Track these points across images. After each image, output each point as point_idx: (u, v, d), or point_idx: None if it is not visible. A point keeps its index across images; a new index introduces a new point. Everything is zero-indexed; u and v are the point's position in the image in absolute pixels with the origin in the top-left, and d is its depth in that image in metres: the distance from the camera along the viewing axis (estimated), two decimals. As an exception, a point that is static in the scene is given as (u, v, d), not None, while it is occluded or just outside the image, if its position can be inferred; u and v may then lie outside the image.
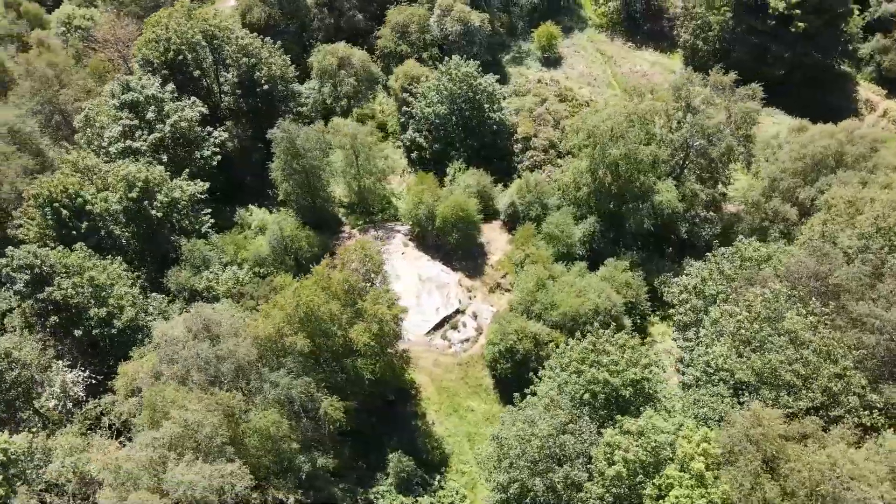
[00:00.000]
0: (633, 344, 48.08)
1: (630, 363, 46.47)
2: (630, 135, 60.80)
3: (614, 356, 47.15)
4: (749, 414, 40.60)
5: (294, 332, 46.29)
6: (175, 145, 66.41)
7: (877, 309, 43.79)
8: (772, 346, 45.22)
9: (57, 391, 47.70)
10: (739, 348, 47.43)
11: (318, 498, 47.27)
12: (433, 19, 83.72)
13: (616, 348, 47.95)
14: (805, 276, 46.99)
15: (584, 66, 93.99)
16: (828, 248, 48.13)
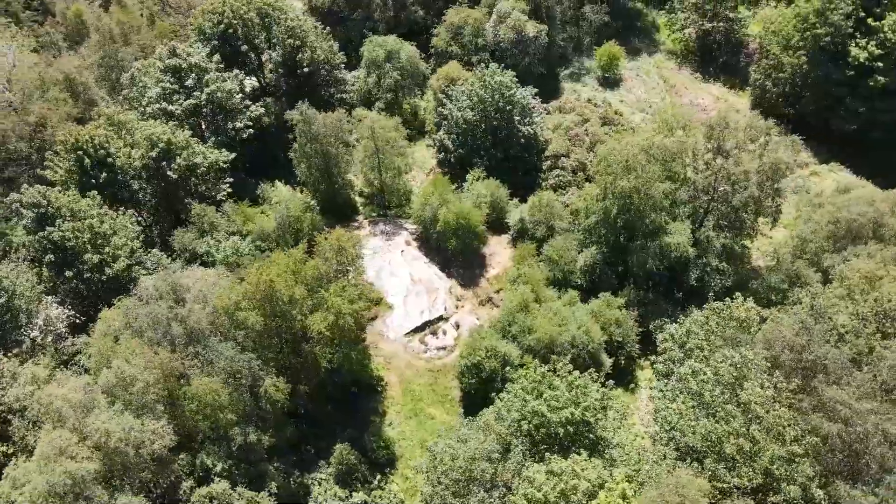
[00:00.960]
0: (582, 382, 46.32)
1: (570, 401, 44.83)
2: (645, 168, 58.21)
3: (559, 391, 45.69)
4: (673, 482, 38.31)
5: (251, 308, 47.66)
6: (210, 113, 69.48)
7: (847, 397, 40.09)
8: (724, 414, 42.38)
9: (40, 323, 51.39)
10: (695, 410, 44.80)
11: (250, 472, 48.51)
12: (489, 24, 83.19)
13: (564, 384, 46.42)
14: (781, 347, 43.63)
15: (644, 91, 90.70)
16: (811, 321, 44.42)
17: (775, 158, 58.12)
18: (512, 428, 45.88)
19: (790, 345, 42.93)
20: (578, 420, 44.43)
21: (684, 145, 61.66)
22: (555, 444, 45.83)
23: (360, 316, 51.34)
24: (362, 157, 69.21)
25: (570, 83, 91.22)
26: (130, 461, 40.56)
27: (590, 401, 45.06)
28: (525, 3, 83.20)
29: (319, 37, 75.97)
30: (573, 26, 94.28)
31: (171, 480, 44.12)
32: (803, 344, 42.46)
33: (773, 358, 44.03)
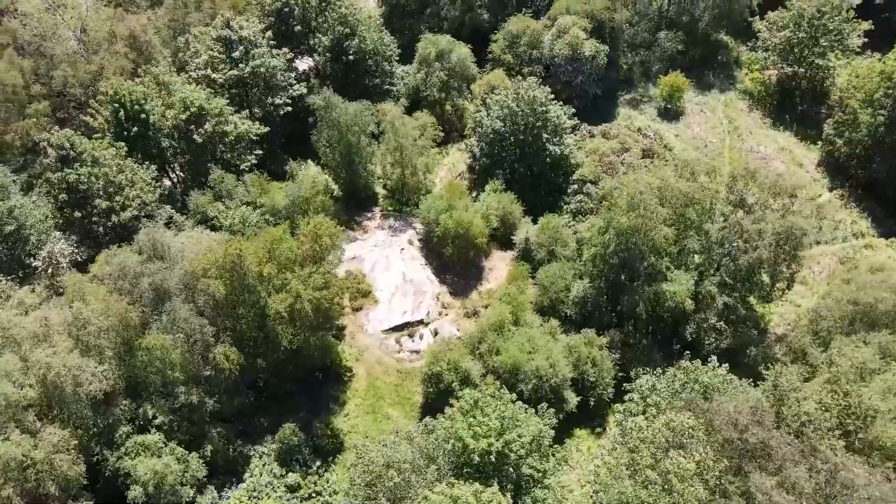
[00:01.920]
0: (511, 414, 45.01)
1: (495, 431, 43.75)
2: (650, 208, 55.35)
3: (487, 419, 44.71)
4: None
5: (217, 277, 49.56)
6: (252, 86, 72.38)
7: (774, 489, 36.77)
8: (643, 479, 39.98)
9: (44, 254, 55.72)
10: (620, 469, 42.57)
11: (191, 430, 50.61)
12: (547, 37, 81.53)
13: (495, 412, 45.35)
14: (722, 422, 40.54)
15: (703, 129, 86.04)
16: (766, 402, 40.97)
17: (791, 223, 53.63)
18: (434, 444, 45.36)
19: (732, 421, 39.79)
20: (497, 451, 43.27)
21: (702, 192, 58.06)
22: (476, 471, 44.99)
23: (325, 304, 52.03)
24: (384, 150, 69.91)
25: (628, 109, 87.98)
26: (67, 397, 43.30)
27: (515, 435, 43.71)
28: (587, 22, 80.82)
29: (372, 28, 77.20)
30: (645, 50, 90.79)
31: (108, 423, 46.70)
32: (746, 423, 39.24)
33: (717, 431, 41.02)
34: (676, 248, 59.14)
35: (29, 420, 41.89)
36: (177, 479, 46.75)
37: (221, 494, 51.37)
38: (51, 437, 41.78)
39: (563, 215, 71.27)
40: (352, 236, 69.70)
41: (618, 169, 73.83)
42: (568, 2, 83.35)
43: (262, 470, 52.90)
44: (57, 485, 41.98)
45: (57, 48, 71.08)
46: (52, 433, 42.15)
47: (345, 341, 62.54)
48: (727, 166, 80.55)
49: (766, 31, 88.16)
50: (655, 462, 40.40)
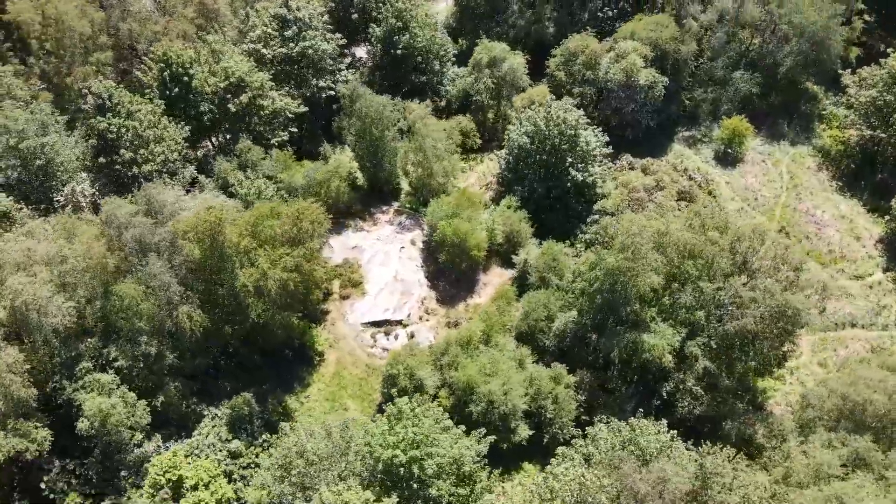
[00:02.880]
0: (426, 431, 44.39)
1: (402, 444, 43.43)
2: (641, 252, 52.52)
3: (403, 432, 44.43)
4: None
5: (195, 241, 51.92)
6: (300, 66, 74.75)
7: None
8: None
9: (67, 191, 60.42)
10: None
11: (148, 379, 53.39)
12: (605, 60, 78.69)
13: (412, 426, 44.96)
14: (627, 494, 38.22)
15: (759, 180, 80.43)
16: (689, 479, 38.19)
17: (786, 300, 49.17)
18: (346, 444, 45.64)
19: (634, 492, 37.40)
20: (401, 464, 42.92)
21: (705, 246, 54.41)
22: (383, 480, 44.97)
23: (293, 285, 53.20)
24: (406, 148, 70.28)
25: (682, 146, 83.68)
26: (31, 323, 46.95)
27: (425, 454, 43.21)
28: (649, 50, 77.33)
29: (426, 26, 77.57)
30: (717, 88, 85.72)
31: (71, 355, 50.20)
32: (644, 494, 36.78)
33: (623, 496, 38.76)
34: (669, 299, 55.96)
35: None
36: (120, 420, 49.54)
37: (167, 444, 53.91)
38: (6, 357, 45.53)
39: (576, 244, 69.09)
40: (359, 226, 70.71)
41: (646, 206, 70.54)
42: (635, 27, 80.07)
43: (211, 431, 54.90)
44: (6, 402, 45.71)
45: (134, 4, 76.35)
46: (9, 354, 45.91)
47: (325, 326, 63.81)
48: (774, 224, 75.43)
49: (853, 87, 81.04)
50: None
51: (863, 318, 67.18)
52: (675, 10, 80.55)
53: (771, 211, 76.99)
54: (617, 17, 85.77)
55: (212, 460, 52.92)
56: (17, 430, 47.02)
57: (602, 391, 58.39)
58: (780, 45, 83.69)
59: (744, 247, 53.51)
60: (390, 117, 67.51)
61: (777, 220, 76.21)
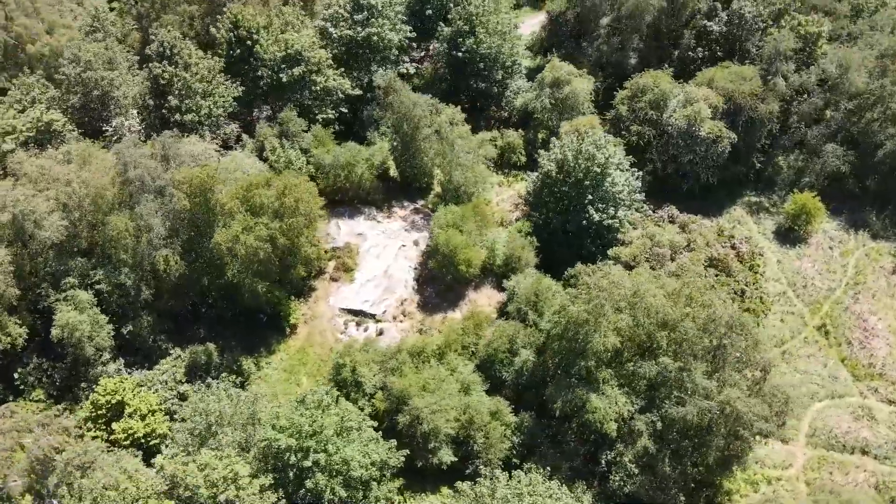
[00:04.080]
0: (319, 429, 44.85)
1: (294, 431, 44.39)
2: (602, 308, 49.38)
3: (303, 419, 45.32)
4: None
5: (186, 193, 55.37)
6: (363, 51, 76.71)
7: None
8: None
9: (115, 124, 66.37)
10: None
11: (123, 307, 57.78)
12: (673, 101, 73.78)
13: (313, 418, 45.62)
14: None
15: (816, 267, 72.39)
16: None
17: (729, 401, 44.12)
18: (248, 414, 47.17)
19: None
20: (280, 449, 43.89)
21: (680, 321, 49.99)
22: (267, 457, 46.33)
23: (263, 254, 55.29)
24: (435, 149, 70.17)
25: (744, 211, 77.06)
26: (26, 231, 52.43)
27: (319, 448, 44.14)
28: (722, 100, 71.55)
29: (495, 33, 76.64)
30: (805, 157, 77.79)
31: (60, 268, 55.52)
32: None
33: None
34: (632, 365, 52.17)
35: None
36: (83, 335, 54.15)
37: (129, 370, 58.26)
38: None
39: (578, 286, 65.87)
40: (373, 215, 71.80)
41: (665, 264, 65.84)
42: (715, 74, 74.38)
43: (169, 369, 58.52)
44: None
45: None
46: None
47: (307, 301, 65.66)
48: (815, 318, 67.80)
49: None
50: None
51: (878, 448, 58.90)
52: (764, 66, 73.71)
53: (817, 304, 69.07)
54: (705, 60, 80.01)
55: (158, 396, 56.49)
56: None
57: (551, 441, 55.74)
58: (885, 124, 74.33)
59: (720, 331, 48.57)
60: (421, 115, 67.55)
61: (821, 316, 68.36)
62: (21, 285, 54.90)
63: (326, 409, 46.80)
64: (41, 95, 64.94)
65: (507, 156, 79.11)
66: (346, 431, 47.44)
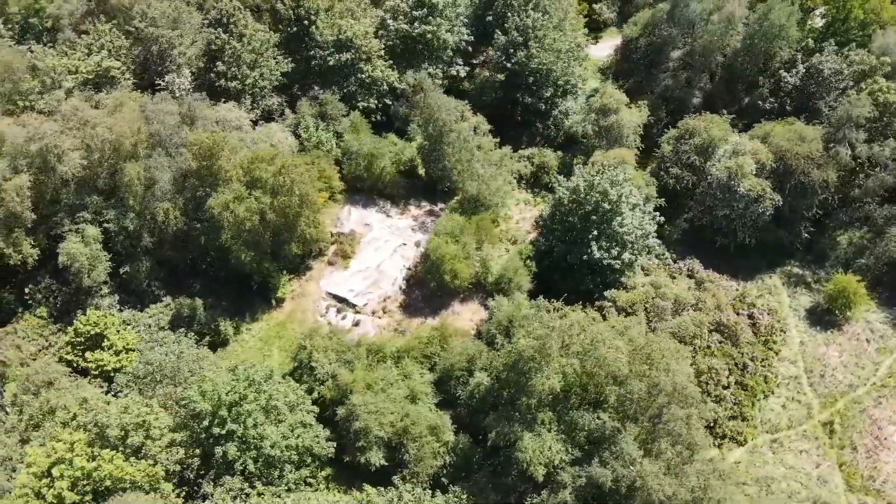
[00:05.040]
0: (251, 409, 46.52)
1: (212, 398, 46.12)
2: (544, 351, 47.31)
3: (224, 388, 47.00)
4: None
5: (194, 154, 58.46)
6: (417, 46, 77.29)
7: None
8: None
9: (168, 79, 70.82)
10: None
11: (127, 248, 61.91)
12: (720, 150, 68.83)
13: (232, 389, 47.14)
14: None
15: (843, 359, 65.49)
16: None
17: (659, 482, 40.86)
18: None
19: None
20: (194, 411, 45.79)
21: (625, 378, 46.93)
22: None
23: (251, 225, 57.39)
24: (457, 155, 69.59)
25: (778, 280, 71.00)
26: (48, 163, 57.44)
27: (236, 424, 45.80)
28: (772, 159, 65.97)
29: (549, 49, 74.69)
30: (867, 235, 70.40)
31: (77, 203, 60.37)
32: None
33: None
34: (575, 414, 49.68)
35: (21, 167, 57.29)
36: (81, 268, 58.65)
37: (120, 308, 62.49)
38: (15, 180, 56.51)
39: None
40: (386, 209, 72.42)
41: (664, 319, 62.07)
42: (775, 127, 68.67)
43: (156, 314, 62.23)
44: (4, 211, 56.97)
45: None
46: (19, 178, 56.84)
47: (300, 279, 67.41)
48: (824, 413, 61.55)
49: None
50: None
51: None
52: (832, 129, 67.06)
53: (831, 397, 62.52)
54: (773, 112, 74.02)
55: (139, 337, 60.21)
56: (11, 239, 58.23)
57: (492, 472, 54.32)
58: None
59: (661, 400, 45.20)
60: (446, 119, 67.13)
61: (831, 412, 61.85)
62: (42, 211, 60.25)
63: (255, 384, 47.97)
64: (110, 43, 70.47)
65: (540, 175, 77.15)
66: (273, 410, 48.51)
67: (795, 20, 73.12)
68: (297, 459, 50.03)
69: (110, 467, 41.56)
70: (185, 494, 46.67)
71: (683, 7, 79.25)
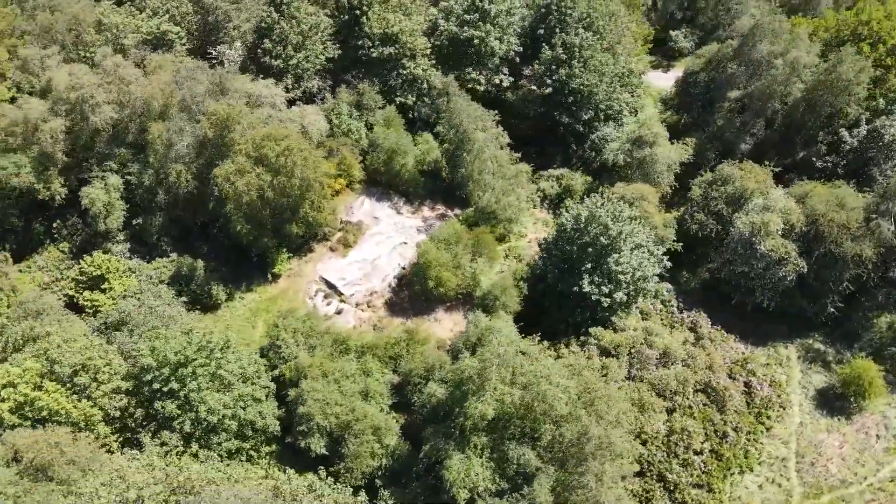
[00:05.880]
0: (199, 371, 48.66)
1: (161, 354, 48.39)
2: (485, 375, 46.15)
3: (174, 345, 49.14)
4: None
5: (211, 123, 61.27)
6: (462, 48, 77.07)
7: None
8: None
9: (219, 50, 74.34)
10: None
11: (145, 203, 65.78)
12: (751, 203, 64.19)
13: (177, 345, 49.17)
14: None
15: (844, 450, 59.91)
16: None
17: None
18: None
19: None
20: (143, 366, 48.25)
21: (559, 418, 44.99)
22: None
23: (249, 198, 59.41)
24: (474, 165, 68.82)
25: (794, 351, 65.73)
26: (84, 112, 61.93)
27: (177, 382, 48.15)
28: (804, 223, 60.88)
29: (594, 71, 72.25)
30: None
31: (107, 152, 64.76)
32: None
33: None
34: (506, 447, 48.22)
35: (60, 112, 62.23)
36: (98, 212, 62.94)
37: (130, 256, 66.41)
38: (51, 122, 61.26)
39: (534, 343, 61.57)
40: (398, 205, 72.88)
41: (647, 368, 59.04)
42: (816, 188, 63.35)
43: (159, 268, 65.55)
44: (40, 150, 61.99)
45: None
46: (55, 122, 61.57)
47: (299, 259, 69.06)
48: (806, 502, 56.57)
49: None
50: None
51: None
52: (878, 201, 60.97)
53: (817, 489, 57.30)
54: (826, 171, 68.27)
55: (139, 286, 63.85)
56: (43, 176, 63.30)
57: (431, 483, 53.86)
58: None
59: (587, 449, 42.99)
60: (467, 126, 66.49)
61: (812, 500, 56.72)
62: (77, 156, 65.02)
63: (206, 351, 49.72)
64: (175, 9, 74.83)
65: (564, 197, 75.07)
66: (218, 378, 50.17)
67: (868, 77, 66.97)
68: (236, 429, 51.35)
69: (49, 399, 44.50)
70: (123, 440, 49.18)
71: (752, 46, 74.50)
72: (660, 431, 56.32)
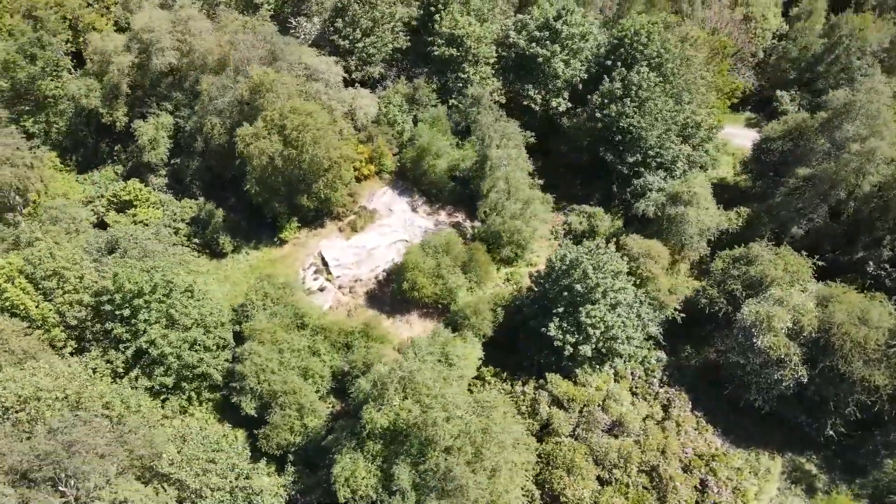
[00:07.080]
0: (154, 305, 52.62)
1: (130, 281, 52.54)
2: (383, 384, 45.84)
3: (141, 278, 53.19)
4: None
5: (248, 87, 65.07)
6: (525, 65, 75.72)
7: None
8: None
9: (298, 22, 78.23)
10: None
11: (188, 144, 71.30)
12: (770, 292, 57.54)
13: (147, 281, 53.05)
14: None
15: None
16: None
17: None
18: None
19: None
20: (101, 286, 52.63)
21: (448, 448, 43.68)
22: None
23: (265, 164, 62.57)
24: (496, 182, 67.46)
25: (777, 464, 58.85)
26: (153, 52, 68.16)
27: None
28: (813, 329, 53.85)
29: (648, 114, 68.00)
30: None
31: (165, 94, 70.90)
32: None
33: None
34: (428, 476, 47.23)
35: (133, 49, 68.85)
36: (144, 143, 69.17)
37: (164, 191, 72.24)
38: (121, 58, 68.08)
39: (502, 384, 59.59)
40: (416, 202, 73.36)
41: (592, 431, 55.53)
42: (848, 295, 55.76)
43: (184, 207, 70.44)
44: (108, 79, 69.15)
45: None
46: (124, 57, 68.22)
47: (310, 230, 71.52)
48: None
49: None
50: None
51: None
52: None
53: None
54: (878, 279, 59.89)
55: (164, 218, 69.43)
56: (108, 102, 70.60)
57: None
58: None
59: (448, 487, 41.44)
60: (493, 140, 65.29)
61: None
62: (139, 91, 71.72)
63: (162, 289, 53.31)
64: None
65: (588, 235, 71.72)
66: (169, 318, 53.66)
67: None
68: (177, 368, 54.51)
69: (13, 293, 50.07)
70: (76, 348, 54.21)
71: (839, 124, 66.55)
72: (583, 499, 52.91)
